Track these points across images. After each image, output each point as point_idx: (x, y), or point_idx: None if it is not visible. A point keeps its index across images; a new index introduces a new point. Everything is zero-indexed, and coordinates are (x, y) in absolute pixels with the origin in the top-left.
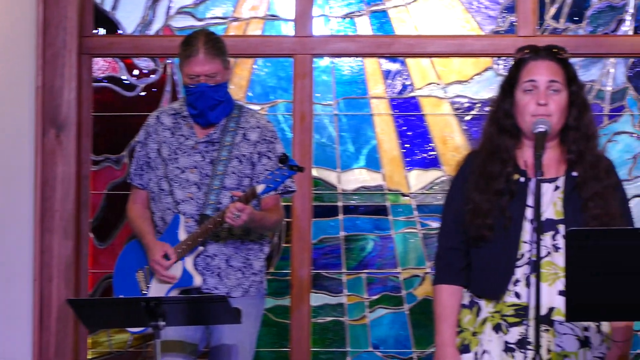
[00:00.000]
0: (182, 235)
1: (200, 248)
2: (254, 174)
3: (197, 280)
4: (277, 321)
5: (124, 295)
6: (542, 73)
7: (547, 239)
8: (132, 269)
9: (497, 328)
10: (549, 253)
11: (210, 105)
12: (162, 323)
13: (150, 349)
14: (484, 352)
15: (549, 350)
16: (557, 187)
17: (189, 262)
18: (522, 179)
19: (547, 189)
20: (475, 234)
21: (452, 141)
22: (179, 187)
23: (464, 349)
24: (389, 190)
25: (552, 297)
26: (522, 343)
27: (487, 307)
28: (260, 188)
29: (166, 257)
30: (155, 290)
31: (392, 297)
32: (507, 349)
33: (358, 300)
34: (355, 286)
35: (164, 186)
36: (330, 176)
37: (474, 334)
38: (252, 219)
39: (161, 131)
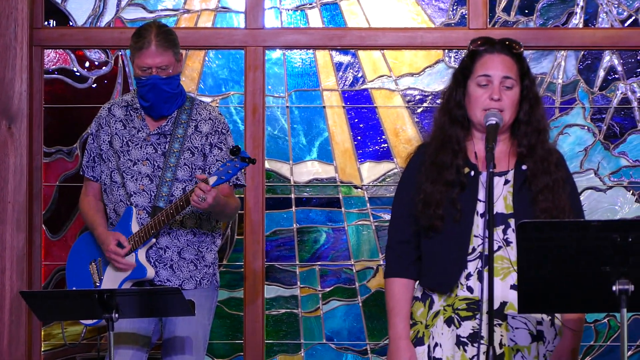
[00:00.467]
0: (135, 227)
1: (153, 240)
2: (206, 165)
3: (150, 272)
4: (230, 313)
5: (77, 288)
6: (497, 68)
7: (498, 233)
8: (85, 261)
9: (449, 321)
10: (500, 247)
11: (162, 98)
12: (115, 315)
13: (104, 341)
14: (436, 345)
15: (501, 345)
16: (507, 181)
17: (141, 254)
18: (472, 173)
19: (497, 182)
20: (427, 223)
21: (404, 133)
22: (131, 179)
23: (418, 341)
24: (342, 182)
25: (505, 291)
26: (474, 337)
27: (439, 301)
28: (212, 180)
29: (119, 245)
30: (108, 282)
31: (345, 289)
32: (459, 342)
33: (311, 293)
34: (308, 278)
35: (117, 178)
36: (282, 168)
37: (427, 326)
38: (217, 202)
39: (113, 123)
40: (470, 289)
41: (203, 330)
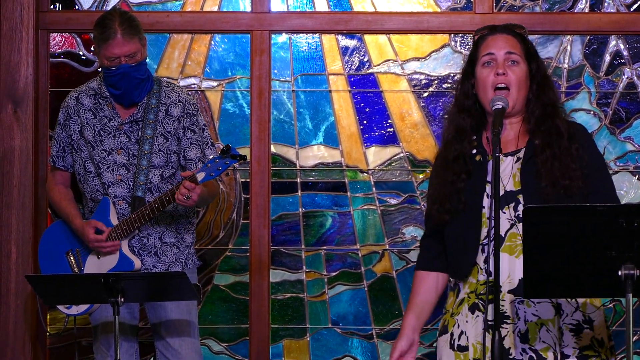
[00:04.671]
0: (114, 218)
1: (136, 231)
2: (181, 149)
3: (137, 264)
4: (236, 298)
5: None
6: (499, 46)
7: (509, 211)
8: (61, 251)
9: (473, 308)
10: (512, 225)
11: (133, 85)
12: (121, 299)
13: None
14: (461, 333)
15: (525, 321)
16: (518, 159)
17: (124, 245)
18: (481, 159)
19: (508, 162)
20: (437, 220)
21: (409, 118)
22: (107, 169)
23: (444, 330)
24: (347, 166)
25: (521, 268)
26: (500, 319)
27: (464, 289)
28: (200, 176)
29: (98, 231)
30: (91, 272)
31: (351, 274)
32: (488, 326)
33: (317, 277)
34: (314, 263)
35: (90, 168)
36: (288, 152)
37: (452, 314)
38: (201, 198)
39: (82, 112)
40: (489, 272)
41: (194, 310)
